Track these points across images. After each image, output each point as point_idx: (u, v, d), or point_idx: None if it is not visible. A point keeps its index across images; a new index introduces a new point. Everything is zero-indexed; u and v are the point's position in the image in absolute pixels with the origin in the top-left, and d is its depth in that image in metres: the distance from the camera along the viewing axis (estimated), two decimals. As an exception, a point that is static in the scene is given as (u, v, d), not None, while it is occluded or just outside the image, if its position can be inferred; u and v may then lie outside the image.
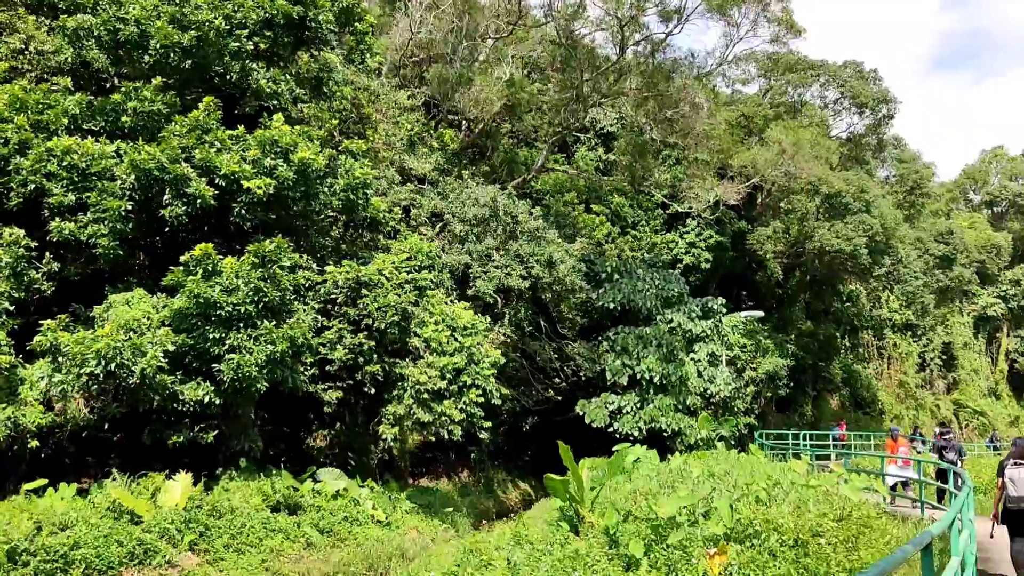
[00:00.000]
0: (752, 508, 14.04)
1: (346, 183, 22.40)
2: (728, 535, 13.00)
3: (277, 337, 18.40)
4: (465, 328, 23.34)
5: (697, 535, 13.08)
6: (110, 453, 21.63)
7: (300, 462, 28.58)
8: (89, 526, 13.27)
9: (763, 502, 14.99)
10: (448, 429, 22.14)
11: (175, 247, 20.66)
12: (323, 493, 19.72)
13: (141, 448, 21.27)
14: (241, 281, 18.88)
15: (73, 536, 12.42)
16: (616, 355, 30.78)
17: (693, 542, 12.86)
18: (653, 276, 33.47)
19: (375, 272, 22.18)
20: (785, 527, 12.96)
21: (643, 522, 14.78)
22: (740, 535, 13.03)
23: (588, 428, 32.11)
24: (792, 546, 12.71)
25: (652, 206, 43.28)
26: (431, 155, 29.41)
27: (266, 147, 21.76)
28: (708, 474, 20.63)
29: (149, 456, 22.98)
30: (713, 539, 12.84)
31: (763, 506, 14.92)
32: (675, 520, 14.39)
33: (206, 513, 15.56)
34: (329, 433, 31.08)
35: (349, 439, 30.26)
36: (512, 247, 26.47)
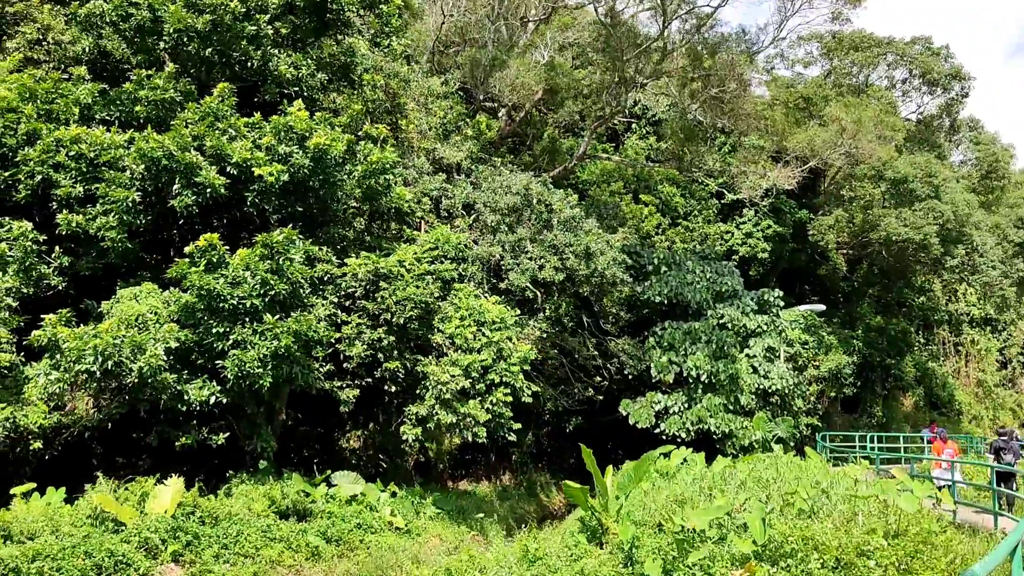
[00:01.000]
0: (790, 522, 12.34)
1: (365, 169, 21.24)
2: (759, 553, 11.35)
3: (281, 331, 17.31)
4: (493, 323, 21.96)
5: (724, 553, 11.46)
6: (118, 455, 20.94)
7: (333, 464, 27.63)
8: (59, 535, 12.32)
9: (806, 514, 13.27)
10: (473, 431, 20.79)
11: (187, 239, 19.80)
12: (337, 498, 18.59)
13: (150, 450, 20.53)
14: (248, 273, 17.86)
15: (34, 547, 11.45)
16: (662, 352, 29.03)
17: (717, 562, 11.25)
18: (704, 268, 31.57)
19: (395, 264, 20.98)
20: (827, 545, 11.24)
21: (671, 535, 13.22)
22: (773, 554, 11.36)
23: (634, 430, 30.44)
24: (834, 568, 11.01)
25: (705, 195, 41.25)
26: (464, 143, 28.11)
27: (281, 134, 20.75)
28: (755, 480, 18.90)
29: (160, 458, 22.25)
30: (741, 558, 11.21)
31: (807, 519, 13.19)
32: (704, 534, 12.78)
33: (198, 520, 14.51)
34: (363, 434, 30.09)
35: (382, 440, 29.25)
36: (547, 237, 24.97)
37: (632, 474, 17.05)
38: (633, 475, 16.91)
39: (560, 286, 29.07)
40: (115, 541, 12.58)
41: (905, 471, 22.79)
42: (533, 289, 27.68)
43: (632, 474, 17.05)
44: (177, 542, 13.42)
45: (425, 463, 30.43)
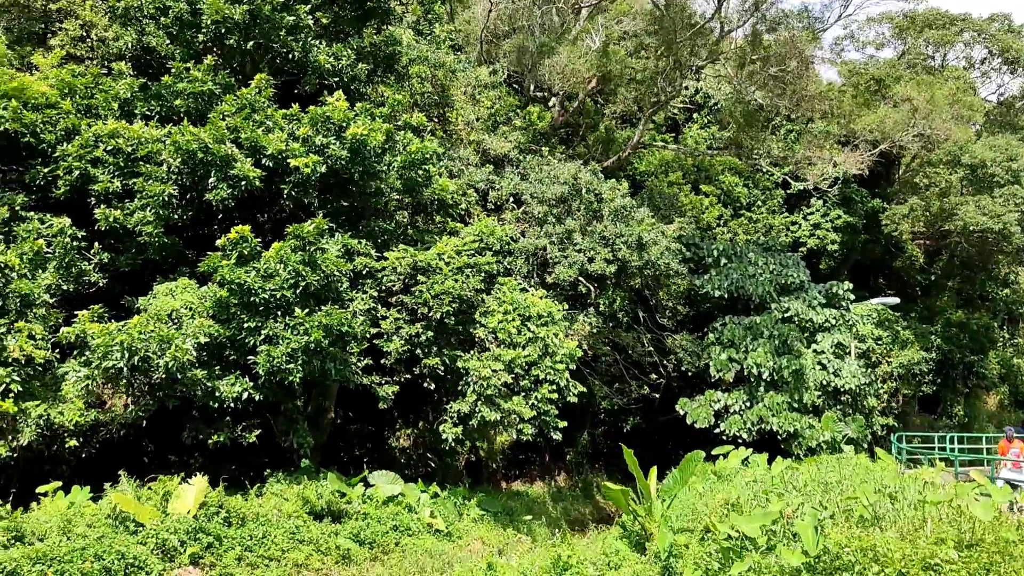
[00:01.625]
0: (849, 530, 11.14)
1: (404, 160, 20.58)
2: (811, 565, 10.20)
3: (311, 325, 16.72)
4: (539, 317, 21.06)
5: (771, 564, 10.35)
6: (164, 453, 20.73)
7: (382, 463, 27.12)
8: (72, 537, 11.91)
9: (868, 522, 12.03)
10: (517, 428, 19.94)
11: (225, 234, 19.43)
12: (374, 499, 17.94)
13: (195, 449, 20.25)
14: (281, 266, 17.36)
15: (40, 549, 11.03)
16: (722, 348, 27.68)
17: (763, 574, 10.15)
18: (767, 260, 30.07)
19: (434, 257, 20.27)
20: (888, 557, 10.03)
21: (717, 543, 12.14)
22: (827, 566, 10.20)
23: (695, 430, 29.16)
24: (896, 583, 9.81)
25: (770, 185, 39.53)
26: (512, 133, 27.27)
27: (318, 124, 20.25)
28: (818, 483, 17.60)
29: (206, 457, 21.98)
30: (790, 572, 10.09)
31: (868, 527, 11.95)
32: (754, 542, 11.67)
33: (222, 521, 13.98)
34: (412, 433, 29.51)
35: (432, 439, 28.61)
36: (596, 228, 23.93)
37: (678, 476, 15.97)
38: (679, 477, 15.83)
39: (614, 280, 28.04)
40: (130, 543, 12.11)
41: (985, 474, 21.07)
42: (586, 283, 26.68)
43: (678, 476, 15.97)
44: (197, 544, 12.90)
45: (476, 463, 29.71)
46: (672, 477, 16.16)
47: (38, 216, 19.07)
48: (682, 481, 15.72)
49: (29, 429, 16.03)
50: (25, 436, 16.04)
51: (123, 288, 19.97)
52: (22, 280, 17.22)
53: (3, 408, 15.71)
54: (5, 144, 19.45)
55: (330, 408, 23.53)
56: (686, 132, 40.74)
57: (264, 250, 17.71)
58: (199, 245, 20.99)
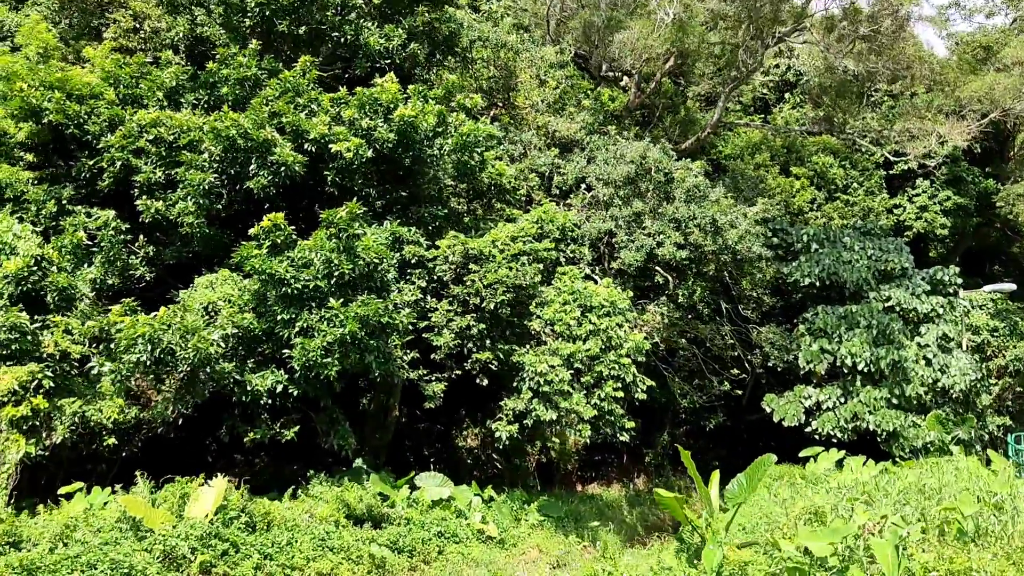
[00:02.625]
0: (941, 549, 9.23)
1: (456, 143, 19.33)
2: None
3: (347, 317, 15.63)
4: (601, 307, 19.47)
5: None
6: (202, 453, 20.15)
7: (449, 464, 26.10)
8: (68, 543, 11.10)
9: (967, 537, 10.04)
10: (576, 429, 18.40)
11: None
12: (420, 502, 16.73)
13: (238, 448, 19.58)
14: (315, 255, 16.36)
15: (28, 557, 10.22)
16: (813, 339, 25.36)
17: (829, 606, 8.40)
18: (865, 245, 27.49)
19: (488, 244, 18.94)
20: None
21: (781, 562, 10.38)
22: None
23: (786, 429, 26.92)
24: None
25: (869, 165, 36.58)
26: (579, 114, 25.69)
27: (365, 107, 19.24)
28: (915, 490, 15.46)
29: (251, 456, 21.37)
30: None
31: (967, 544, 9.97)
32: (825, 562, 9.87)
33: (243, 526, 12.98)
34: (480, 432, 28.30)
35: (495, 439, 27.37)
36: (667, 210, 22.12)
37: (744, 481, 14.15)
38: (745, 482, 14.01)
39: (695, 269, 26.16)
40: (132, 550, 11.21)
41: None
42: (663, 272, 24.89)
43: (744, 481, 14.15)
44: (210, 551, 11.93)
45: (547, 464, 28.25)
46: (737, 483, 14.37)
47: (84, 210, 18.71)
48: (749, 487, 13.93)
49: (63, 426, 15.48)
50: (58, 434, 15.51)
51: (172, 282, 19.45)
52: (60, 274, 16.77)
53: (35, 404, 15.21)
54: (51, 137, 19.18)
55: (394, 406, 22.56)
56: (776, 112, 38.18)
57: (303, 239, 16.73)
58: (243, 235, 20.30)
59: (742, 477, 14.51)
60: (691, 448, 31.39)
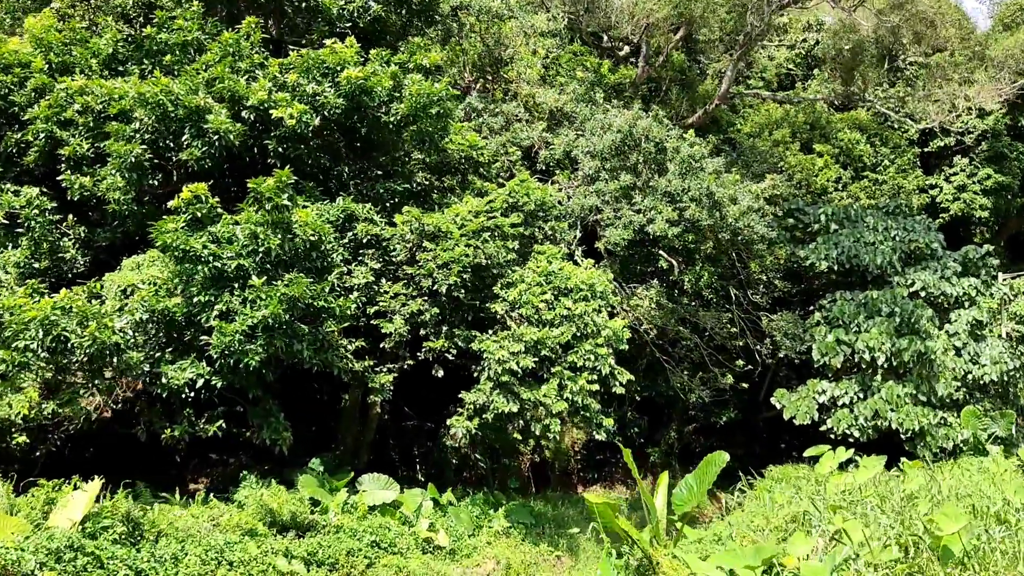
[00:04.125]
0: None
1: (409, 106, 17.43)
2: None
3: (269, 298, 13.83)
4: (578, 290, 17.41)
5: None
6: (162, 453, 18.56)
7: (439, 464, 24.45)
8: None
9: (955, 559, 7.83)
10: (543, 424, 16.39)
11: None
12: (357, 508, 14.86)
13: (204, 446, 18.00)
14: (238, 229, 14.62)
15: None
16: (828, 328, 22.92)
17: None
18: (888, 225, 24.94)
19: (448, 220, 17.02)
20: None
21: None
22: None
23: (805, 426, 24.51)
24: None
25: (902, 142, 33.81)
26: (569, 85, 23.62)
27: (312, 71, 17.47)
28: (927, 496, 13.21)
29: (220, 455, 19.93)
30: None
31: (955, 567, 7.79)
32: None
33: (116, 537, 11.20)
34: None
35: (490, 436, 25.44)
36: (659, 184, 19.94)
37: (694, 484, 12.00)
38: (695, 485, 11.86)
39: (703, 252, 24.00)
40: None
41: None
42: (668, 257, 22.72)
43: (694, 484, 12.00)
44: (63, 567, 10.18)
45: (541, 464, 26.24)
46: (686, 486, 12.19)
47: (11, 188, 17.26)
48: (698, 492, 11.79)
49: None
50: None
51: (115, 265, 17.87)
52: (-35, 256, 15.29)
53: (-75, 399, 13.73)
54: (-25, 110, 17.78)
55: (376, 402, 20.79)
56: (798, 88, 35.58)
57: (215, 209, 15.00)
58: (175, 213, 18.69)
59: (691, 479, 12.34)
60: (701, 446, 29.21)
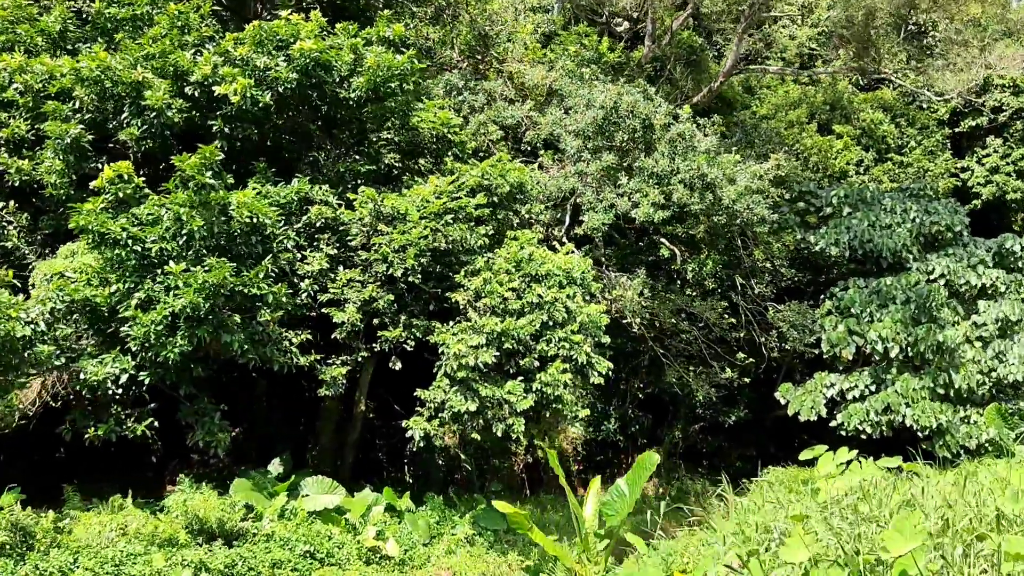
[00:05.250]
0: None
1: (368, 80, 16.16)
2: None
3: (192, 284, 12.66)
4: (550, 276, 16.01)
5: None
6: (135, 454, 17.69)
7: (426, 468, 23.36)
8: None
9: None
10: (507, 423, 15.02)
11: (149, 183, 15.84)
12: (296, 514, 13.65)
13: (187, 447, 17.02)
14: (164, 210, 13.50)
15: None
16: (838, 318, 21.20)
17: None
18: (907, 207, 23.10)
19: (409, 203, 15.74)
20: None
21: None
22: None
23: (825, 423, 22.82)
24: None
25: (931, 123, 31.73)
26: (558, 61, 22.19)
27: (265, 43, 16.30)
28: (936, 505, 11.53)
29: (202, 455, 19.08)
30: None
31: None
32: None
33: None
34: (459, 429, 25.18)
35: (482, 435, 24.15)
36: (645, 164, 18.43)
37: (626, 490, 10.51)
38: (627, 492, 10.38)
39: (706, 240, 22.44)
40: None
41: None
42: (670, 246, 21.19)
43: (626, 490, 10.51)
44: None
45: (534, 465, 24.82)
46: (617, 492, 10.67)
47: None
48: (631, 497, 10.31)
49: None
50: None
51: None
52: None
53: None
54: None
55: (360, 400, 19.66)
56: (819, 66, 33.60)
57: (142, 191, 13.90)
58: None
59: (622, 484, 10.80)
60: (710, 446, 27.58)
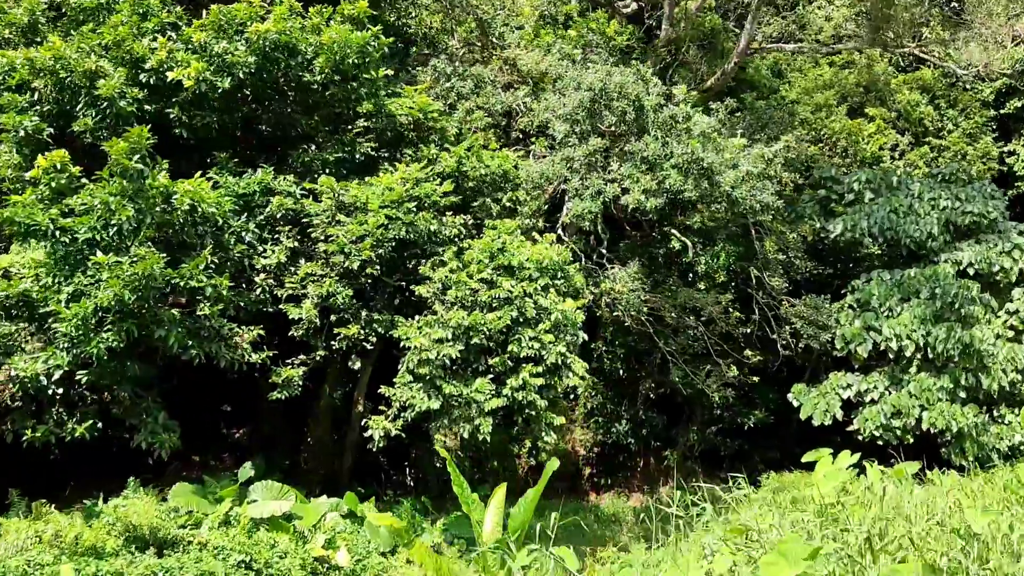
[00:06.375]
0: None
1: (328, 59, 15.35)
2: None
3: (120, 276, 11.96)
4: (523, 268, 14.97)
5: None
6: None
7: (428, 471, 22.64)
8: None
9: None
10: (475, 424, 14.04)
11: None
12: (239, 522, 12.85)
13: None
14: (97, 200, 12.86)
15: None
16: (855, 314, 19.65)
17: None
18: (937, 192, 21.38)
19: (372, 192, 14.87)
20: None
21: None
22: None
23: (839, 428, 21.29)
24: None
25: (974, 104, 29.68)
26: (556, 44, 21.07)
27: (226, 28, 15.64)
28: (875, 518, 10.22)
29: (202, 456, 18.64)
30: None
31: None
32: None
33: None
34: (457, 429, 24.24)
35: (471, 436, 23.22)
36: (635, 149, 17.22)
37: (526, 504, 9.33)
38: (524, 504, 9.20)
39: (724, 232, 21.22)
40: None
41: None
42: (681, 238, 19.97)
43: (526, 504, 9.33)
44: None
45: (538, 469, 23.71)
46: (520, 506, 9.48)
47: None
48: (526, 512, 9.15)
49: None
50: None
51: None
52: None
53: None
54: None
55: (359, 400, 18.94)
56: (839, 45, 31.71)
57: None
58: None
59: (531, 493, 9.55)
60: (729, 449, 26.09)
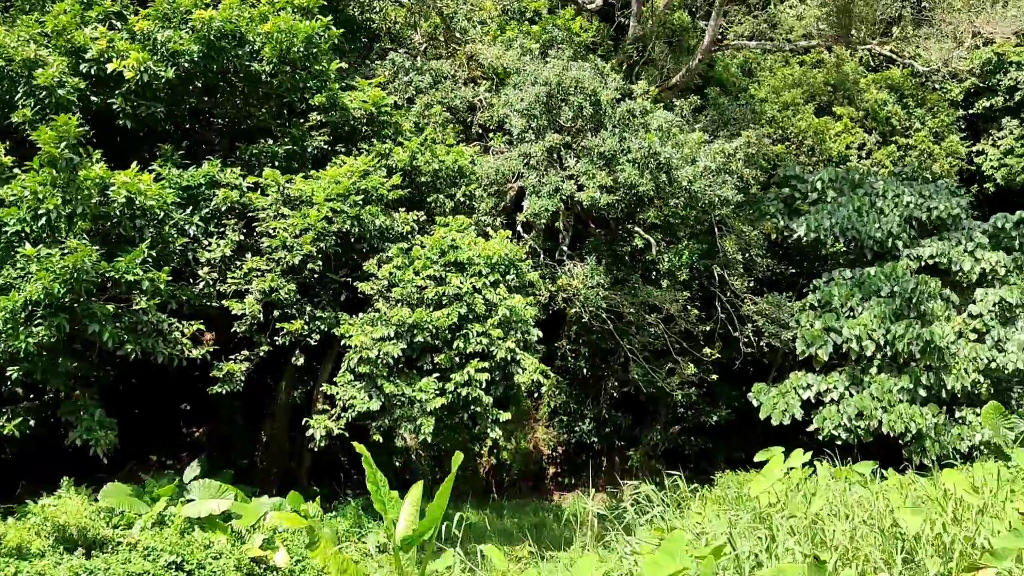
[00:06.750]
0: None
1: (274, 49, 15.07)
2: None
3: (50, 269, 11.64)
4: (471, 264, 14.73)
5: None
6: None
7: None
8: None
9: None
10: (416, 423, 13.78)
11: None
12: (173, 522, 12.53)
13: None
14: (27, 190, 12.53)
15: None
16: (815, 314, 19.53)
17: None
18: (902, 191, 21.30)
19: (318, 186, 14.60)
20: None
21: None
22: None
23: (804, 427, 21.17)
24: None
25: (942, 104, 29.69)
26: (518, 39, 20.83)
27: (171, 17, 15.33)
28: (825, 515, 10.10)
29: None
30: None
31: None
32: None
33: None
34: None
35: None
36: (592, 144, 17.01)
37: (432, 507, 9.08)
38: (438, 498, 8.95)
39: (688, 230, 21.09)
40: None
41: None
42: (644, 235, 19.78)
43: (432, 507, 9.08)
44: None
45: (500, 467, 23.52)
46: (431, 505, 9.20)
47: None
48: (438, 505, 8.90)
49: None
50: None
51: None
52: None
53: None
54: None
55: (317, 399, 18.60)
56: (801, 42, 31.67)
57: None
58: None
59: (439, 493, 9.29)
60: (692, 448, 25.91)
